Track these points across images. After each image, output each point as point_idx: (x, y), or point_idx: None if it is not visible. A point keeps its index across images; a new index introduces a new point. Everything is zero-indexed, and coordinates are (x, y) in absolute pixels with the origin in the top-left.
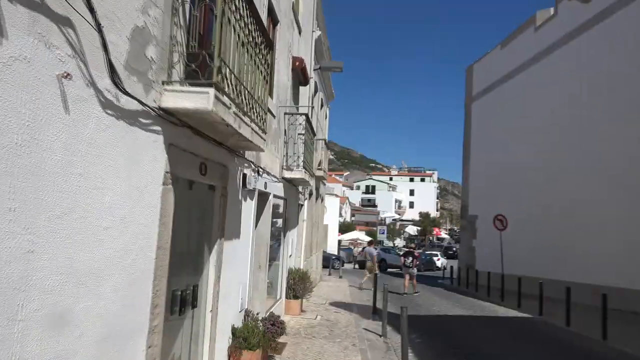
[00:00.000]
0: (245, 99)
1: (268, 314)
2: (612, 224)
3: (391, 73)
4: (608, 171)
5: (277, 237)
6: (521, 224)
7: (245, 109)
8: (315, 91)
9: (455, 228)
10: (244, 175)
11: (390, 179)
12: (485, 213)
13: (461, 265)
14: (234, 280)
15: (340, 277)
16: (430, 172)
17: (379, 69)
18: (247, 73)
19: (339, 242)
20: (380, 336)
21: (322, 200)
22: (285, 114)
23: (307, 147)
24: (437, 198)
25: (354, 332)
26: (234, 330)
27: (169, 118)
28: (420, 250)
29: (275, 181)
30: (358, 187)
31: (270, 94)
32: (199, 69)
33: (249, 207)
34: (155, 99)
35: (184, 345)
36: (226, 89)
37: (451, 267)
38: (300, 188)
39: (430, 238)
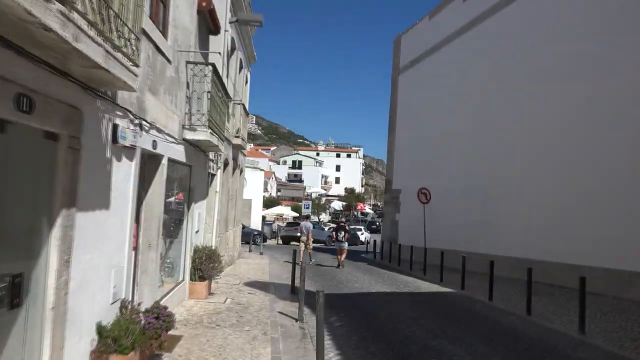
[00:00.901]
0: (94, 5)
1: (154, 304)
2: (534, 197)
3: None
4: (531, 145)
5: (178, 211)
6: (446, 198)
7: (90, 17)
8: (233, 49)
9: (379, 204)
10: (115, 127)
11: (317, 154)
12: (410, 187)
13: (384, 240)
14: (99, 265)
15: (261, 253)
16: (356, 148)
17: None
18: None
19: (264, 217)
20: (297, 321)
21: (242, 172)
22: (187, 62)
23: (217, 107)
24: (362, 174)
25: (266, 318)
26: (101, 329)
27: None
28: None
29: (173, 142)
30: (285, 162)
31: (164, 33)
32: None
33: (125, 170)
34: None
35: None
36: None
37: (374, 241)
38: (211, 155)
39: (355, 213)
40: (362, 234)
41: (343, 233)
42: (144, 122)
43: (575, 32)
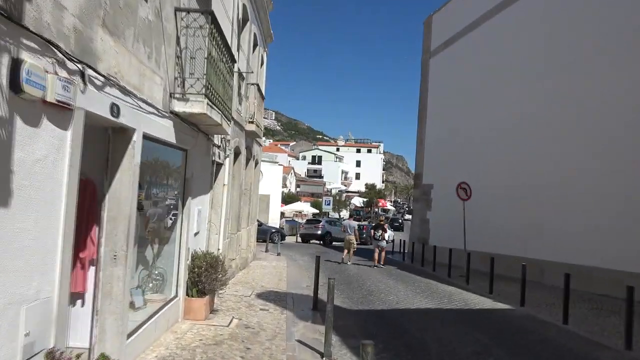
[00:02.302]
0: None
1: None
2: (596, 198)
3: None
4: (592, 141)
5: (167, 207)
6: (485, 196)
7: None
8: (245, 20)
9: (399, 200)
10: (16, 64)
11: (337, 149)
12: (443, 182)
13: (413, 240)
14: None
15: (279, 254)
16: (377, 143)
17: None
18: None
19: (282, 213)
20: (322, 357)
21: (257, 164)
22: (177, 10)
23: (219, 74)
24: (383, 170)
25: (282, 351)
26: None
27: None
28: (366, 222)
29: (154, 114)
30: (304, 158)
31: None
32: None
33: (50, 143)
34: None
35: None
36: None
37: (401, 240)
38: (216, 140)
39: (376, 210)
40: (386, 232)
41: (380, 232)
42: (90, 71)
43: None
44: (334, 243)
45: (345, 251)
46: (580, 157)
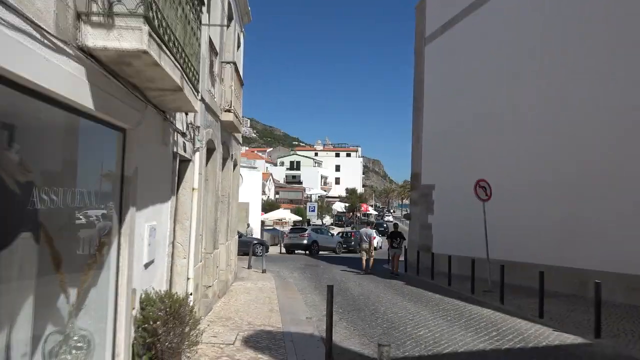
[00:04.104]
0: None
1: None
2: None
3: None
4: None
5: (90, 224)
6: (502, 196)
7: None
8: None
9: (378, 204)
10: None
11: (316, 154)
12: (446, 181)
13: (412, 248)
14: None
15: (264, 271)
16: (355, 147)
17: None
18: None
19: (262, 222)
20: None
21: (236, 165)
22: None
23: (177, 4)
24: (365, 173)
25: None
26: None
27: None
28: (349, 229)
29: (36, 41)
30: (282, 164)
31: None
32: None
33: None
34: None
35: None
36: None
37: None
38: (181, 125)
39: (357, 214)
40: (374, 238)
41: (399, 239)
42: None
43: None
44: (320, 252)
45: (364, 260)
46: (623, 145)
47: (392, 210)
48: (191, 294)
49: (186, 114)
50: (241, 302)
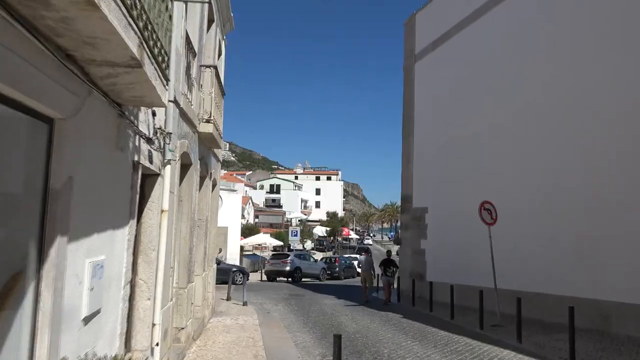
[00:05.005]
0: None
1: None
2: None
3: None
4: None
5: None
6: (512, 217)
7: None
8: None
9: (358, 228)
10: None
11: (296, 177)
12: (440, 204)
13: (403, 275)
14: None
15: (245, 303)
16: (335, 170)
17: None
18: None
19: (242, 247)
20: None
21: (216, 185)
22: None
23: None
24: (344, 197)
25: None
26: None
27: None
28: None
29: None
30: (262, 187)
31: None
32: None
33: None
34: None
35: None
36: None
37: (378, 275)
38: (145, 128)
39: (339, 238)
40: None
41: (392, 268)
42: None
43: None
44: (303, 279)
45: (365, 288)
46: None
47: (372, 235)
48: (157, 345)
49: (153, 114)
50: (219, 346)
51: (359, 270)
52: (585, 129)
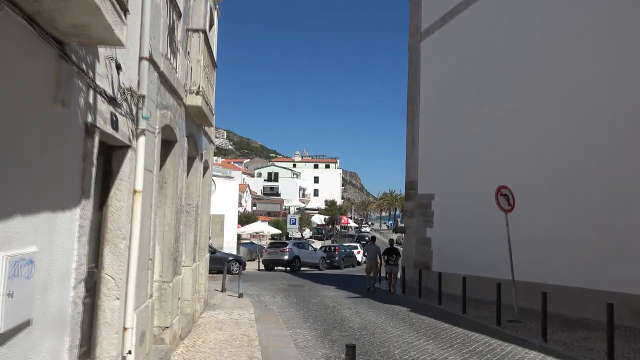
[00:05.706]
0: None
1: None
2: None
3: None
4: None
5: None
6: (530, 203)
7: None
8: None
9: (357, 217)
10: None
11: (294, 165)
12: (448, 190)
13: (407, 265)
14: None
15: (241, 295)
16: (334, 158)
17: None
18: None
19: (239, 236)
20: None
21: (208, 168)
22: None
23: None
24: (342, 185)
25: None
26: None
27: None
28: (331, 242)
29: None
30: (260, 175)
31: None
32: None
33: None
34: None
35: None
36: None
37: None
38: (107, 84)
39: (337, 227)
40: (359, 252)
41: (395, 256)
42: None
43: None
44: (302, 269)
45: (371, 276)
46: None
47: (370, 223)
48: (130, 353)
49: (118, 67)
50: (210, 346)
51: (359, 259)
52: (617, 103)
